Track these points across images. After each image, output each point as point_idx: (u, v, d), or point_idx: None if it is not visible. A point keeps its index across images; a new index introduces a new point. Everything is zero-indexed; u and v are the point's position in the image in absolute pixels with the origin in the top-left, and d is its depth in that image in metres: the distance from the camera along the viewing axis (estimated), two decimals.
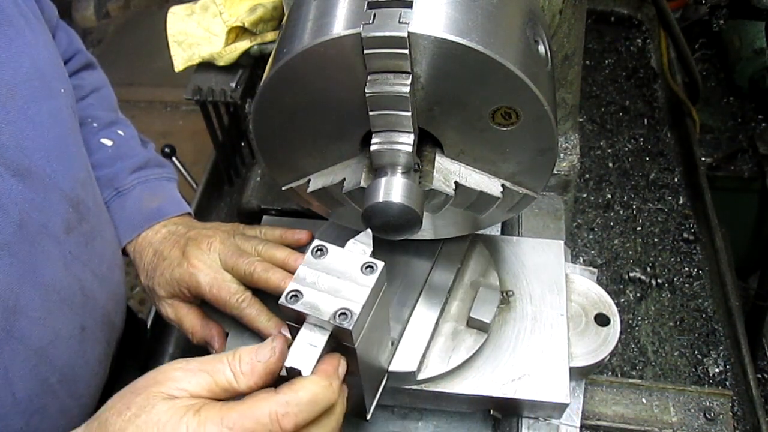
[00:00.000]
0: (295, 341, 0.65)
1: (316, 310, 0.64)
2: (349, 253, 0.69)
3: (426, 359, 0.87)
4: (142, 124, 1.21)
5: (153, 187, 1.10)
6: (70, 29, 1.14)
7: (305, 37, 0.67)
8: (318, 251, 0.69)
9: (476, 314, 0.87)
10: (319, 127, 0.76)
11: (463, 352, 0.87)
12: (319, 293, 0.65)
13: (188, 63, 1.36)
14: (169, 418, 0.60)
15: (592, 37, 1.99)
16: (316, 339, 0.64)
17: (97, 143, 1.09)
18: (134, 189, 1.08)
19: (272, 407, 0.61)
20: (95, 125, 1.11)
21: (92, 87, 1.15)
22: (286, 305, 0.65)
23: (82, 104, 1.11)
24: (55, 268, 0.84)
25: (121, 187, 1.07)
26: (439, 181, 0.76)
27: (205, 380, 0.64)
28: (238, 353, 0.66)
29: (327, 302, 0.64)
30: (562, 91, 1.06)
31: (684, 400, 0.98)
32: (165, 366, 0.66)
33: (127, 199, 1.07)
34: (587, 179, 1.67)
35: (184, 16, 1.39)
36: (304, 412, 0.62)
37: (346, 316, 0.63)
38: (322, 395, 0.63)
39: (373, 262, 0.67)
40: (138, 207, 1.06)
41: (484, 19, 0.65)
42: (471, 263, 0.97)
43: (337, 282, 0.66)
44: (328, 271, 0.67)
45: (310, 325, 0.65)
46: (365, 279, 0.66)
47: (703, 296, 1.45)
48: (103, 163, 1.08)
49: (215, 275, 0.92)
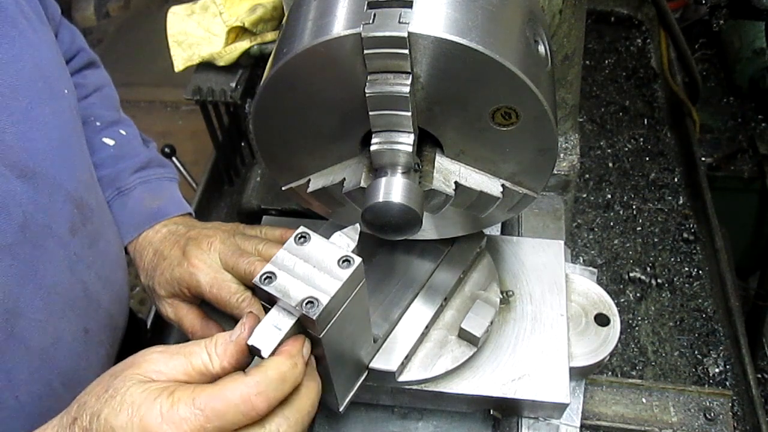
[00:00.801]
0: (262, 321, 0.66)
1: (285, 295, 0.65)
2: (331, 244, 0.69)
3: (410, 362, 0.87)
4: (142, 124, 1.21)
5: (154, 187, 1.10)
6: (73, 27, 1.13)
7: (305, 37, 0.67)
8: (301, 238, 0.69)
9: (467, 326, 0.86)
10: (319, 127, 0.76)
11: (448, 362, 0.86)
12: (293, 279, 0.66)
13: (188, 63, 1.36)
14: (143, 400, 0.60)
15: (592, 37, 1.99)
16: (282, 322, 0.65)
17: (99, 142, 1.09)
18: (135, 189, 1.08)
19: (243, 389, 0.61)
20: (98, 124, 1.10)
21: (95, 86, 1.14)
22: (259, 286, 0.66)
23: (84, 103, 1.11)
24: (58, 270, 0.84)
25: (122, 186, 1.07)
26: (439, 181, 0.76)
27: (181, 363, 0.65)
28: (215, 337, 0.67)
29: (298, 289, 0.65)
30: (562, 91, 1.06)
31: (684, 400, 0.98)
32: (144, 350, 0.67)
33: (129, 198, 1.07)
34: (587, 179, 1.67)
35: (184, 16, 1.39)
36: (274, 391, 0.63)
37: (313, 305, 0.64)
38: (290, 374, 0.64)
39: (351, 257, 0.67)
40: (139, 207, 1.06)
41: (484, 19, 0.65)
42: (475, 274, 0.96)
43: (312, 271, 0.66)
44: (306, 259, 0.67)
45: (279, 308, 0.66)
46: (340, 272, 0.66)
47: (703, 296, 1.45)
48: (105, 162, 1.08)
49: (215, 275, 0.92)
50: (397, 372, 0.85)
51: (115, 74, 1.24)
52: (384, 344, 0.86)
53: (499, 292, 0.94)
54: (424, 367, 0.86)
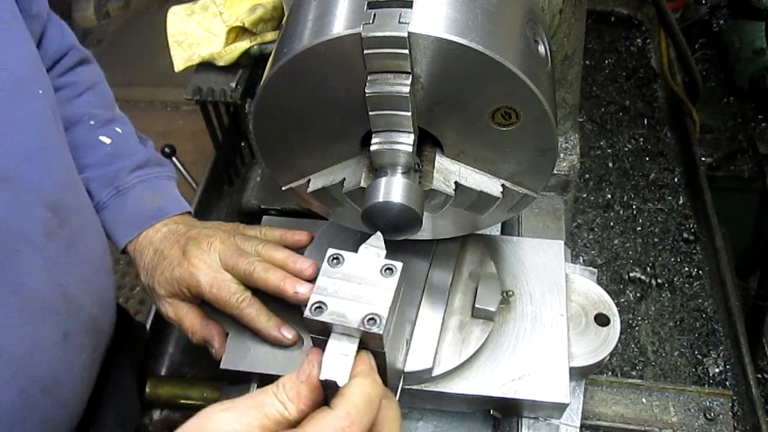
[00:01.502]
0: (326, 353, 0.64)
1: (343, 319, 0.63)
2: (365, 257, 0.68)
3: (438, 355, 0.87)
4: (142, 124, 1.21)
5: (153, 186, 1.09)
6: (63, 23, 1.11)
7: (305, 37, 0.67)
8: (334, 260, 0.68)
9: (481, 304, 0.88)
10: (319, 127, 0.76)
11: (473, 343, 0.88)
12: (343, 301, 0.64)
13: (188, 63, 1.36)
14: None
15: (592, 37, 1.99)
16: (346, 348, 0.63)
17: (95, 141, 1.08)
18: (134, 188, 1.07)
19: (335, 423, 0.58)
20: (92, 123, 1.09)
21: (88, 84, 1.13)
22: (312, 317, 0.64)
23: (78, 102, 1.10)
24: (34, 274, 0.82)
25: (121, 186, 1.07)
26: (439, 181, 0.76)
27: (255, 417, 0.60)
28: (281, 382, 0.64)
29: (352, 309, 0.63)
30: (562, 91, 1.06)
31: (684, 400, 0.98)
32: (207, 410, 0.62)
33: (128, 198, 1.06)
34: (587, 179, 1.67)
35: (184, 16, 1.39)
36: (365, 415, 0.60)
37: (375, 321, 0.62)
38: (374, 393, 0.62)
39: (392, 264, 0.67)
40: (139, 206, 1.06)
41: (484, 19, 0.65)
42: (467, 255, 0.97)
43: (358, 288, 0.65)
44: (347, 278, 0.66)
45: (338, 335, 0.64)
46: (386, 281, 0.65)
47: (703, 296, 1.45)
48: (102, 161, 1.07)
49: (215, 275, 0.92)
50: (432, 368, 0.85)
51: (115, 74, 1.24)
52: (410, 345, 0.87)
53: (492, 263, 0.95)
54: (454, 354, 0.87)
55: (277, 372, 0.89)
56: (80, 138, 1.07)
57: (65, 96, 1.09)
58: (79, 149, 1.06)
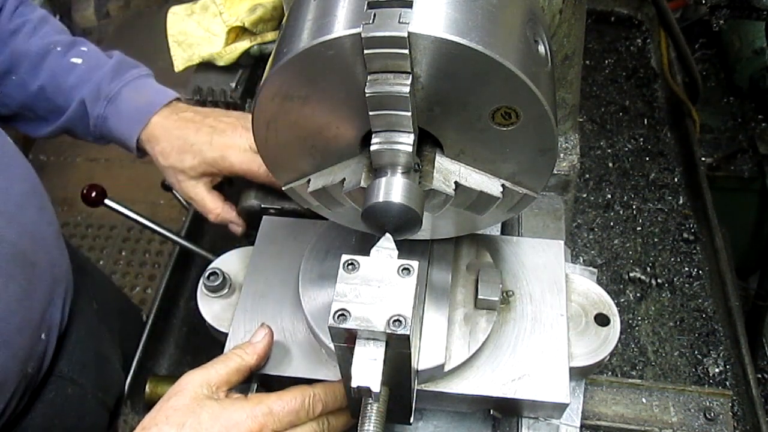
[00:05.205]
0: (354, 360, 0.63)
1: (368, 323, 0.63)
2: (380, 260, 0.68)
3: (447, 350, 0.87)
4: None
5: (138, 86, 1.18)
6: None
7: (305, 37, 0.67)
8: (350, 265, 0.68)
9: (484, 294, 0.88)
10: (319, 127, 0.75)
11: (480, 334, 0.88)
12: (366, 306, 0.64)
13: (188, 63, 1.36)
14: None
15: (592, 37, 1.99)
16: (374, 352, 0.63)
17: (68, 64, 1.16)
18: (121, 93, 1.15)
19: None
20: (59, 49, 1.17)
21: (38, 17, 1.19)
22: (336, 326, 0.63)
23: (39, 34, 1.17)
24: None
25: (108, 94, 1.14)
26: (439, 181, 0.76)
27: (222, 367, 0.79)
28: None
29: (376, 313, 0.63)
30: (562, 91, 1.06)
31: (684, 400, 0.98)
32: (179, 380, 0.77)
33: (120, 102, 1.15)
34: (587, 179, 1.67)
35: (184, 16, 1.39)
36: None
37: (400, 323, 0.62)
38: None
39: (408, 264, 0.66)
40: (134, 105, 1.15)
41: (484, 19, 0.65)
42: (462, 248, 0.97)
43: (379, 291, 0.65)
44: (367, 282, 0.66)
45: (364, 340, 0.64)
46: (405, 281, 0.65)
47: (703, 296, 1.45)
48: (82, 79, 1.15)
49: (244, 154, 1.08)
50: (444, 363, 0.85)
51: None
52: (421, 343, 0.87)
53: (487, 253, 0.96)
54: (462, 347, 0.87)
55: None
56: (55, 66, 1.15)
57: (25, 33, 1.16)
58: (58, 76, 1.15)
